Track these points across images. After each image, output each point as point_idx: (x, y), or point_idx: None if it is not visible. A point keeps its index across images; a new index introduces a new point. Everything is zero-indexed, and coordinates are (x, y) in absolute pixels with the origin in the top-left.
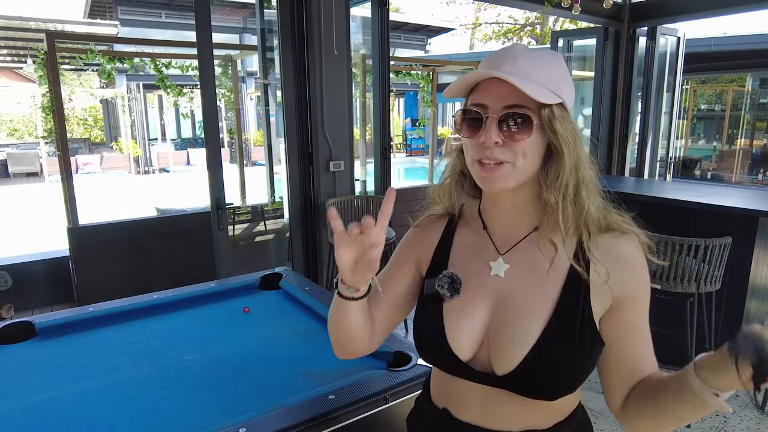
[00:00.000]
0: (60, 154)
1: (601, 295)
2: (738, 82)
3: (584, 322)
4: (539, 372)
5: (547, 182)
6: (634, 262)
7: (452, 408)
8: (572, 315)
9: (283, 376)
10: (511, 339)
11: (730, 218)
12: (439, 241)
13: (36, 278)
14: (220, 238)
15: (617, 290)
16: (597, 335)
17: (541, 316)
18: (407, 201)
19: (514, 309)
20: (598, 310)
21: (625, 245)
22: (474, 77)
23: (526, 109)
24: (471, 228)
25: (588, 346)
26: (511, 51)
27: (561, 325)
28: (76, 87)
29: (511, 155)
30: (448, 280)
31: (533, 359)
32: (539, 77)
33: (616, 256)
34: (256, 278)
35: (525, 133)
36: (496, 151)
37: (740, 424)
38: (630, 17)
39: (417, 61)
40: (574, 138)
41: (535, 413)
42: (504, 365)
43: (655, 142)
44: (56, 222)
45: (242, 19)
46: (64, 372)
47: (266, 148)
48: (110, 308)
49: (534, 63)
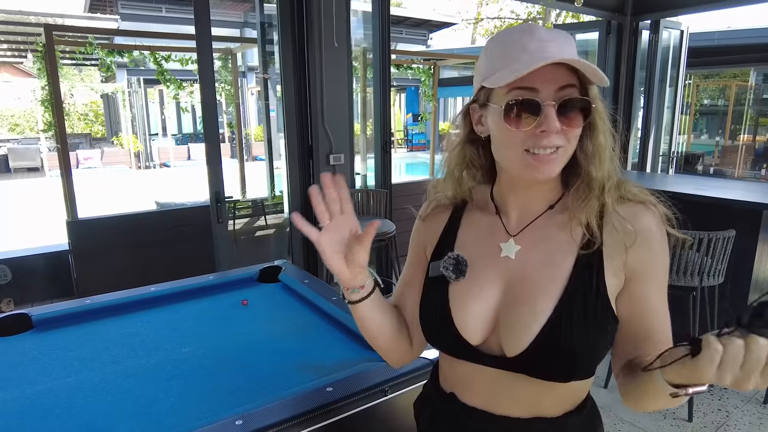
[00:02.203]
0: (59, 147)
1: (615, 270)
2: (741, 77)
3: (598, 299)
4: (551, 351)
5: (588, 157)
6: (649, 235)
7: (459, 392)
8: (585, 291)
9: (281, 368)
10: (522, 318)
11: (734, 212)
12: (444, 226)
13: (36, 272)
14: (219, 231)
15: (630, 263)
16: (611, 312)
17: (554, 294)
18: (408, 195)
19: (525, 289)
20: (613, 286)
21: (640, 216)
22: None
23: (576, 90)
24: (482, 211)
25: (602, 324)
26: (537, 34)
27: (574, 303)
28: (76, 82)
29: (565, 140)
30: (453, 262)
31: (545, 338)
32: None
33: (631, 228)
34: (255, 271)
35: (585, 116)
36: (554, 138)
37: (743, 419)
38: (633, 10)
39: (418, 54)
40: (606, 112)
41: (544, 400)
42: (515, 346)
43: (657, 137)
44: (56, 216)
45: (243, 14)
46: (61, 364)
47: (266, 143)
48: (108, 301)
49: (564, 43)
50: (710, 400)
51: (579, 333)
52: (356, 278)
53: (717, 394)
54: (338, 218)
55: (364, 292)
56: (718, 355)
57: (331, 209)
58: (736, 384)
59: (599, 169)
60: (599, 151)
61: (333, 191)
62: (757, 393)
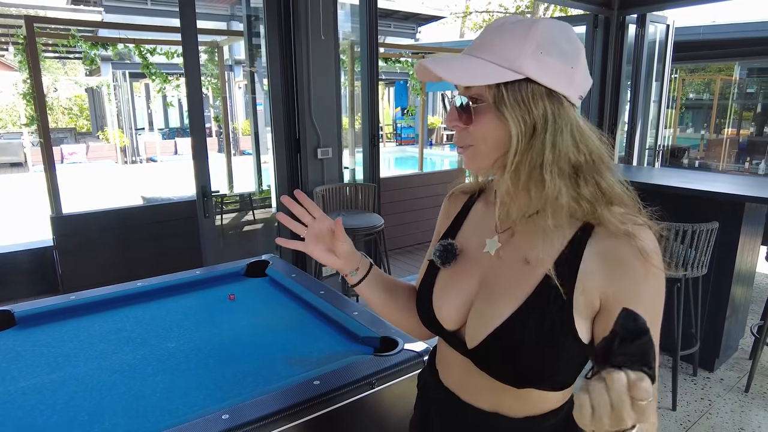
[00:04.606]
0: (42, 142)
1: (587, 290)
2: (726, 71)
3: (559, 314)
4: (501, 351)
5: (512, 170)
6: (623, 266)
7: (440, 370)
8: (545, 306)
9: (268, 362)
10: (484, 315)
11: (718, 204)
12: (459, 211)
13: (19, 268)
14: (206, 226)
15: (603, 292)
16: (570, 329)
17: (517, 298)
18: (397, 189)
19: (496, 287)
20: (582, 305)
21: (619, 246)
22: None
23: (484, 89)
24: (486, 203)
25: (556, 339)
26: (491, 25)
27: (530, 314)
28: (60, 76)
29: (471, 139)
30: (441, 249)
31: (497, 338)
32: (496, 54)
33: (605, 256)
34: (242, 265)
35: (476, 115)
36: (461, 135)
37: (725, 407)
38: (620, 4)
39: (406, 48)
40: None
41: (504, 399)
42: (472, 339)
43: (644, 131)
44: (41, 212)
45: (230, 6)
46: (45, 360)
47: (253, 137)
48: (93, 296)
49: (499, 37)
50: (693, 389)
51: (529, 342)
52: (349, 263)
53: (700, 383)
54: (313, 224)
55: (360, 273)
56: (587, 406)
57: (305, 221)
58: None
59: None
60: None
61: (298, 207)
62: (739, 381)
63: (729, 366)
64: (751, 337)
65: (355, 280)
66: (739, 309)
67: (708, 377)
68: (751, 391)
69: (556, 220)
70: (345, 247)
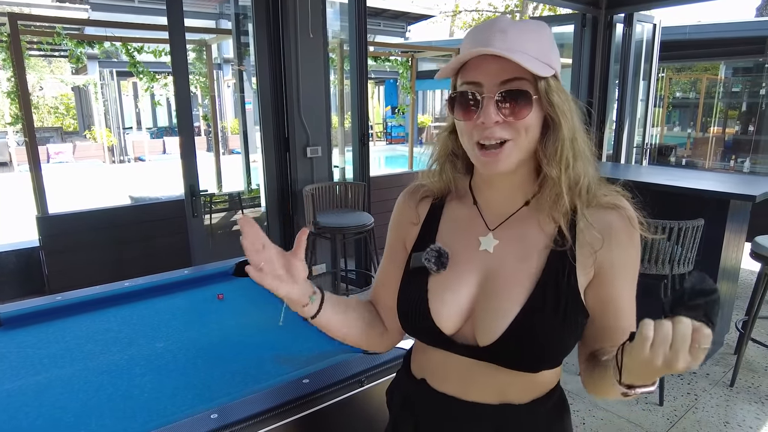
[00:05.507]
0: (27, 141)
1: (585, 267)
2: (712, 71)
3: (568, 293)
4: (521, 342)
5: (546, 155)
6: (618, 235)
7: (430, 379)
8: (556, 286)
9: (256, 361)
10: (495, 310)
11: (703, 201)
12: (425, 216)
13: (5, 269)
14: (195, 225)
15: (599, 261)
16: (581, 306)
17: (526, 287)
18: (387, 188)
19: (501, 282)
20: (583, 281)
21: (611, 217)
22: (467, 56)
23: (525, 82)
24: (462, 203)
25: (571, 317)
26: (498, 24)
27: (544, 296)
28: (45, 74)
29: (513, 132)
30: (435, 254)
31: (515, 329)
32: (531, 50)
33: (601, 228)
34: (231, 265)
35: (526, 108)
36: (497, 130)
37: (710, 401)
38: (607, 4)
39: (396, 47)
40: (570, 109)
41: (513, 387)
42: (487, 336)
43: (631, 129)
44: (27, 212)
45: (218, 5)
46: (30, 362)
47: (242, 136)
48: (80, 297)
49: (524, 35)
50: (680, 384)
51: (549, 325)
52: (306, 290)
53: (686, 378)
54: (262, 254)
55: (317, 296)
56: (650, 335)
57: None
58: (668, 363)
59: (559, 168)
60: (560, 150)
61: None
62: (724, 376)
63: (714, 361)
64: (736, 332)
65: (316, 306)
66: (725, 305)
67: (694, 372)
68: (736, 385)
69: (570, 198)
70: (301, 270)
